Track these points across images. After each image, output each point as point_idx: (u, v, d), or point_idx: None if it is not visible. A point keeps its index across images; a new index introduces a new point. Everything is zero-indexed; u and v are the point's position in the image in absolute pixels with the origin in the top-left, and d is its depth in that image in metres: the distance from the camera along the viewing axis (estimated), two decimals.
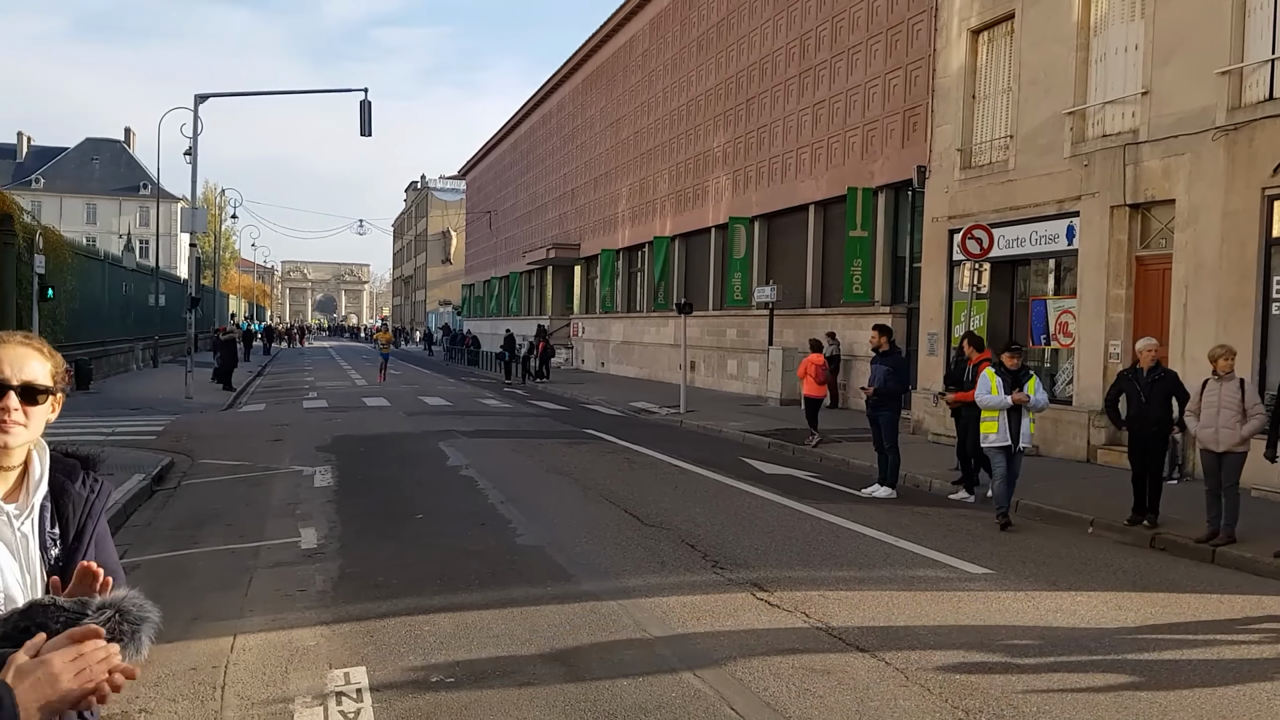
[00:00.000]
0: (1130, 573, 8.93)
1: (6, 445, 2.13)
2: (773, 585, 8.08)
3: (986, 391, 11.20)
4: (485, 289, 69.90)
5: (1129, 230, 15.04)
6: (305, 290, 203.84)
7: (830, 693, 5.72)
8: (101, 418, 20.07)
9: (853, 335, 23.62)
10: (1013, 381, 11.09)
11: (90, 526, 2.26)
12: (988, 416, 11.21)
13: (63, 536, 2.22)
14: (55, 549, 2.20)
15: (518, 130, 60.56)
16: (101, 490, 2.33)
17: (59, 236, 27.94)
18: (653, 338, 37.37)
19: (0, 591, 2.09)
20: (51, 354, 2.26)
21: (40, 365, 2.20)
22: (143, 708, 5.42)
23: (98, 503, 2.30)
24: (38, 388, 2.17)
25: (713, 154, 32.80)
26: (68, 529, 2.23)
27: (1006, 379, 11.12)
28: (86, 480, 2.30)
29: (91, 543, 2.26)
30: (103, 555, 2.30)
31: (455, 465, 14.94)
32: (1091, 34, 15.82)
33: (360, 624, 6.97)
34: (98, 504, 2.30)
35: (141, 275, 42.86)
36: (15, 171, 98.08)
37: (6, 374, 2.15)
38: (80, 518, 2.25)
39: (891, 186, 23.34)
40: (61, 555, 2.21)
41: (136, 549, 9.31)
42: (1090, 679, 6.13)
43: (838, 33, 25.37)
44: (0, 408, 2.12)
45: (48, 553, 2.19)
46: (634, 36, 40.39)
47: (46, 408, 2.20)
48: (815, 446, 16.98)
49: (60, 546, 2.21)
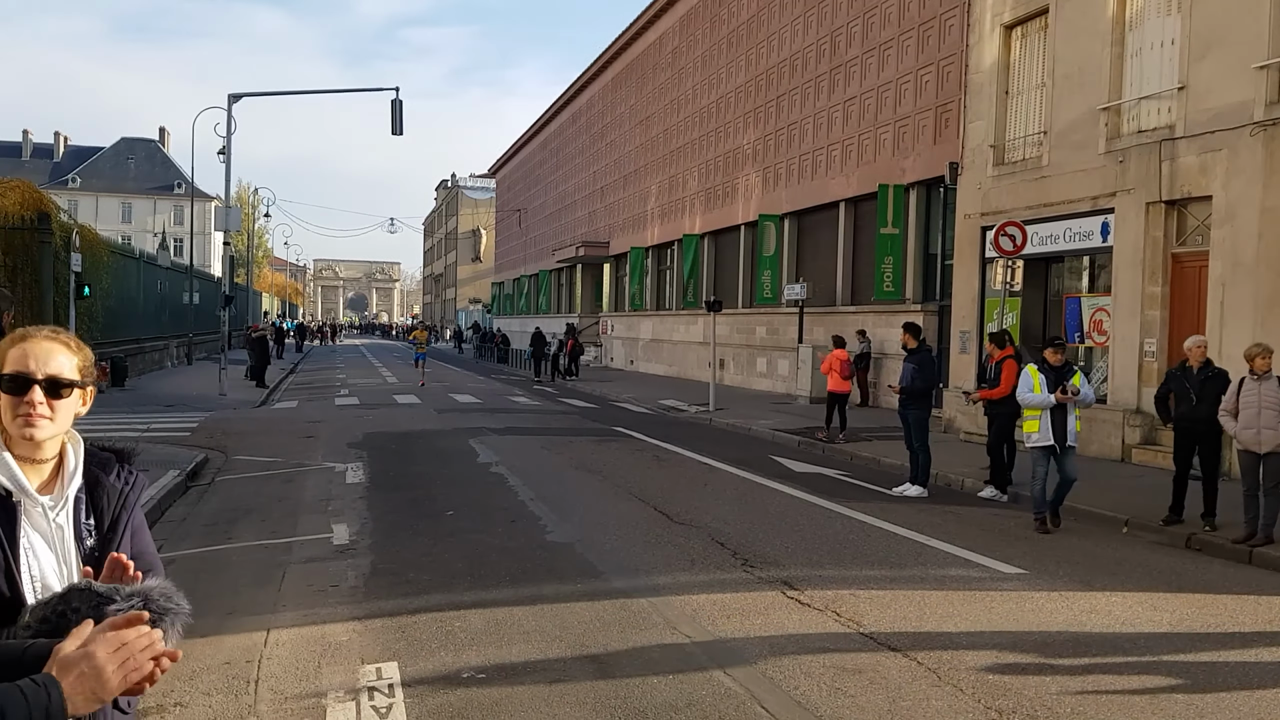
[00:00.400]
0: (1166, 573, 8.82)
1: (33, 438, 2.15)
2: (803, 584, 8.06)
3: (1028, 389, 10.69)
4: (515, 287, 70.11)
5: (1165, 227, 14.87)
6: (337, 288, 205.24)
7: (862, 692, 5.69)
8: (137, 414, 20.30)
9: (884, 333, 23.50)
10: (1056, 378, 10.61)
11: (124, 518, 2.29)
12: (1029, 416, 10.75)
13: (98, 527, 2.25)
14: (90, 539, 2.23)
15: (547, 129, 60.68)
16: (136, 482, 2.35)
17: (95, 235, 28.26)
18: (682, 335, 37.34)
19: (38, 581, 2.12)
20: (80, 347, 2.27)
21: (67, 359, 2.22)
22: (178, 701, 5.47)
23: (131, 494, 2.33)
24: (63, 381, 2.19)
25: (742, 151, 32.72)
26: (102, 520, 2.26)
27: (1050, 376, 10.64)
28: (121, 473, 2.33)
29: (126, 533, 2.29)
30: (139, 545, 2.33)
31: (485, 462, 14.99)
32: (1127, 28, 15.65)
33: (392, 619, 7.01)
34: (132, 495, 2.33)
35: (176, 273, 43.28)
36: (52, 171, 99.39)
37: (32, 368, 2.17)
38: (115, 509, 2.28)
39: (923, 183, 23.19)
40: (97, 546, 2.24)
41: (172, 544, 9.41)
42: (1125, 680, 6.06)
43: (869, 28, 25.24)
44: (27, 402, 2.14)
45: (83, 543, 2.22)
46: (664, 34, 40.36)
47: (74, 401, 2.22)
48: (837, 442, 17.04)
49: (95, 537, 2.24)
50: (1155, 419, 14.43)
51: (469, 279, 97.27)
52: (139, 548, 2.34)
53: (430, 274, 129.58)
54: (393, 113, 28.90)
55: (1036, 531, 10.47)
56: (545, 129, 61.23)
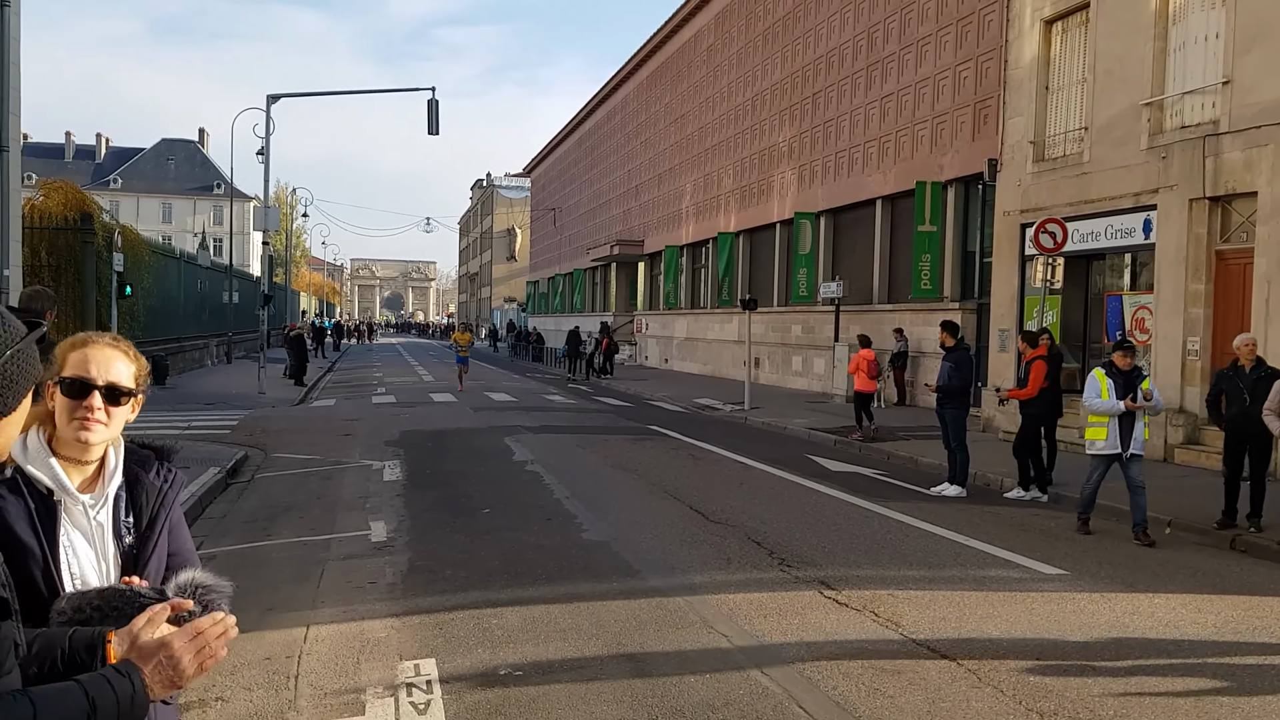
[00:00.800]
0: (1210, 575, 8.69)
1: (87, 443, 2.19)
2: (841, 584, 8.01)
3: (1096, 394, 10.17)
4: (550, 286, 70.30)
5: (1208, 224, 14.65)
6: (374, 287, 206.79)
7: (901, 693, 5.65)
8: (177, 412, 20.54)
9: (921, 331, 23.33)
10: (1125, 383, 10.10)
11: (163, 515, 2.32)
12: (1095, 422, 10.25)
13: (136, 525, 2.28)
14: (129, 537, 2.26)
15: (582, 127, 60.79)
16: (175, 480, 2.38)
17: (137, 235, 28.62)
18: (716, 334, 37.27)
19: (78, 579, 2.15)
20: (136, 357, 2.32)
21: (125, 367, 2.26)
22: (219, 696, 5.53)
23: (171, 492, 2.36)
24: (121, 389, 2.23)
25: (778, 149, 32.59)
26: (141, 518, 2.29)
27: (1118, 380, 10.13)
28: (160, 470, 2.36)
29: (164, 531, 2.32)
30: (176, 543, 2.36)
31: (521, 460, 15.04)
32: (1170, 22, 15.43)
33: (429, 616, 7.04)
34: (170, 493, 2.36)
35: (215, 273, 43.75)
36: (94, 172, 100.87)
37: (93, 374, 2.20)
38: (153, 507, 2.31)
39: (961, 180, 23.00)
40: (135, 543, 2.27)
41: (212, 540, 9.51)
42: (1169, 683, 5.97)
43: (906, 25, 25.06)
44: (85, 406, 2.18)
45: (122, 540, 2.25)
46: (699, 31, 40.29)
47: (127, 408, 2.26)
48: (866, 440, 17.06)
49: (134, 535, 2.27)
50: (1198, 418, 14.24)
51: (504, 278, 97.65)
52: (176, 545, 2.37)
53: (466, 273, 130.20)
54: (429, 113, 29.06)
55: (1078, 532, 10.33)
56: (580, 128, 61.34)
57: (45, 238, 22.94)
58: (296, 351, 31.91)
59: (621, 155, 51.64)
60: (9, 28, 16.65)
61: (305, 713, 5.36)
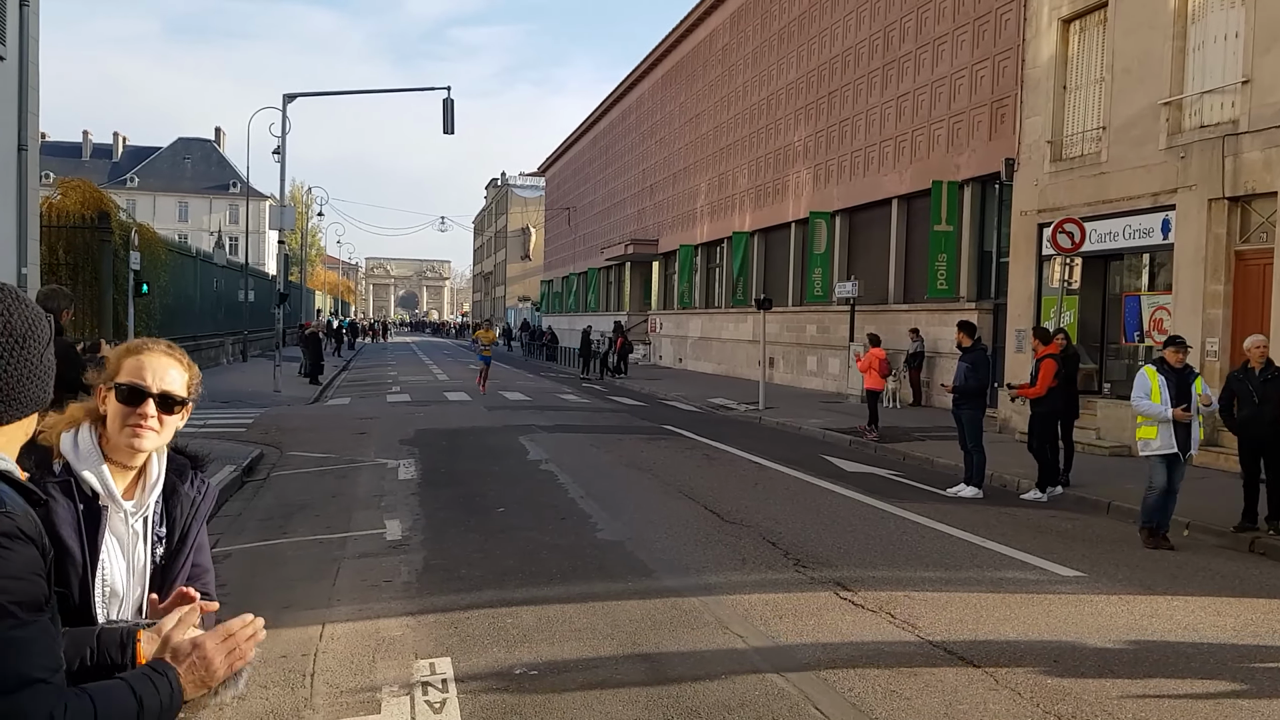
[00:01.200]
0: (1228, 578, 8.63)
1: (140, 449, 2.17)
2: (856, 585, 7.98)
3: (1145, 394, 9.63)
4: (564, 285, 70.35)
5: (1228, 224, 14.55)
6: (388, 286, 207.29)
7: (918, 695, 5.62)
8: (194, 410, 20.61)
9: (937, 331, 23.24)
10: (1178, 382, 9.59)
11: (195, 529, 2.30)
12: (1146, 420, 9.79)
13: (168, 537, 2.26)
14: (160, 548, 2.24)
15: (597, 126, 60.81)
16: (207, 493, 2.37)
17: (153, 234, 28.76)
18: (731, 334, 37.22)
19: (107, 586, 2.12)
20: (190, 365, 2.31)
21: (179, 375, 2.25)
22: (235, 694, 5.52)
23: (203, 505, 2.34)
24: (175, 398, 2.22)
25: (793, 148, 32.53)
26: (174, 530, 2.27)
27: (1170, 379, 9.61)
28: (194, 481, 2.34)
29: (194, 546, 2.30)
30: (199, 558, 2.34)
31: (535, 459, 15.04)
32: (1189, 21, 15.33)
33: (445, 615, 7.04)
34: (203, 506, 2.34)
35: (231, 272, 43.92)
36: (111, 171, 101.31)
37: (148, 381, 2.19)
38: (186, 520, 2.29)
39: (978, 180, 22.91)
40: (165, 555, 2.24)
41: (228, 538, 9.54)
42: (1188, 686, 5.93)
43: (923, 24, 24.97)
44: (139, 413, 2.16)
45: (154, 551, 2.23)
46: (714, 31, 40.25)
47: (178, 417, 2.24)
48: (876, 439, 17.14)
49: (165, 546, 2.25)
50: (1216, 420, 14.13)
51: (518, 277, 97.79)
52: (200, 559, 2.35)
53: (480, 272, 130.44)
54: (445, 112, 29.09)
55: (1145, 545, 9.67)
56: (594, 127, 61.36)
57: (63, 236, 23.07)
58: (312, 350, 32.01)
59: (636, 154, 51.63)
60: (28, 28, 16.75)
61: (321, 711, 5.37)
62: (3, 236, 16.37)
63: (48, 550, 1.66)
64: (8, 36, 16.11)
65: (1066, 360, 13.15)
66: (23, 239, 16.99)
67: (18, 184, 16.86)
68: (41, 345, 1.70)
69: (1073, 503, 12.09)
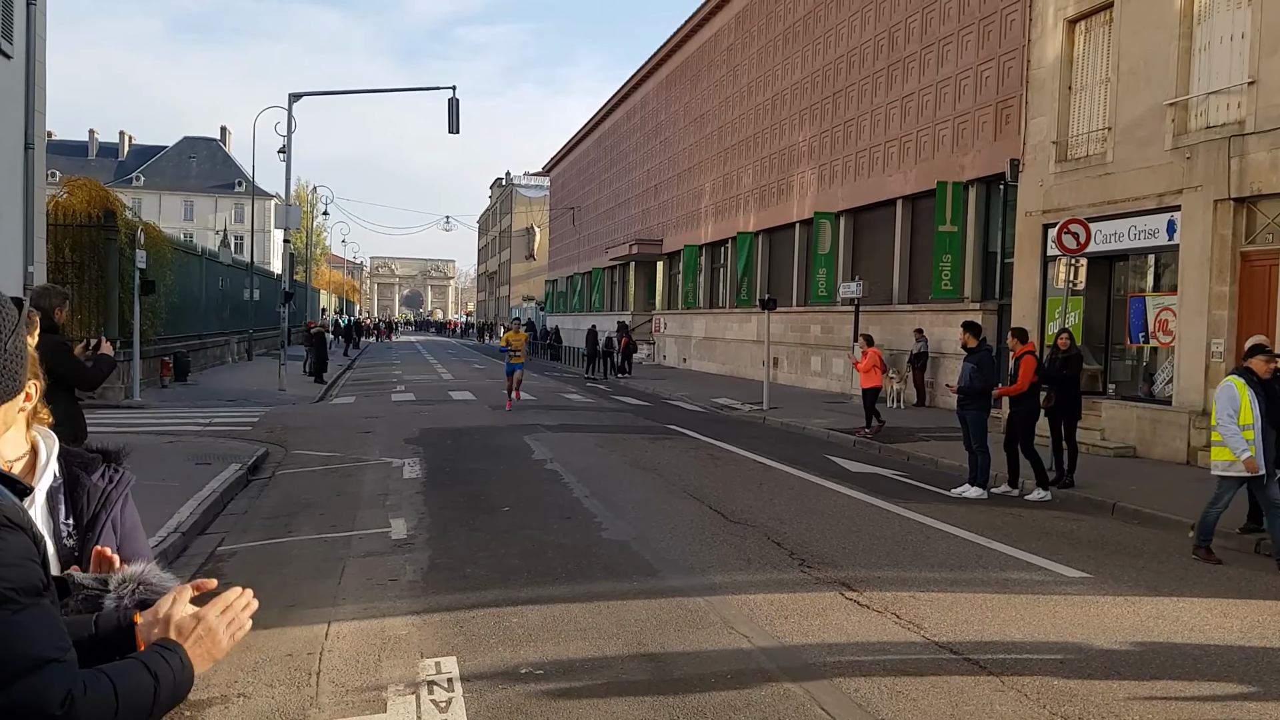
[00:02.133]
0: (1235, 579, 8.61)
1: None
2: (861, 585, 7.97)
3: (1232, 412, 8.62)
4: (568, 285, 70.35)
5: (1233, 225, 14.52)
6: (393, 285, 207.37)
7: (923, 696, 5.62)
8: (199, 409, 20.67)
9: (941, 332, 23.22)
10: (1267, 397, 8.76)
11: (104, 516, 2.30)
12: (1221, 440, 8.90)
13: (77, 526, 2.27)
14: (70, 540, 2.25)
15: (601, 126, 60.80)
16: (121, 480, 2.37)
17: (159, 232, 28.78)
18: (735, 334, 37.21)
19: None
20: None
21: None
22: (241, 692, 5.55)
23: (115, 492, 2.34)
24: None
25: (798, 148, 32.51)
26: (81, 519, 2.28)
27: (1259, 392, 8.72)
28: (106, 472, 2.34)
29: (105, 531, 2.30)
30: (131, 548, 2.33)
31: (540, 459, 15.05)
32: (1195, 22, 15.31)
33: (450, 614, 7.05)
34: (115, 493, 2.34)
35: (237, 270, 43.97)
36: (117, 169, 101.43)
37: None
38: (94, 507, 2.30)
39: (983, 180, 22.88)
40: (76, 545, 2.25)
41: (233, 536, 9.56)
42: (1195, 687, 5.92)
43: (928, 24, 24.95)
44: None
45: (62, 542, 2.23)
46: (719, 31, 40.23)
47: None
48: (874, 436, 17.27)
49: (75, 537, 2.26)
50: None
51: (523, 276, 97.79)
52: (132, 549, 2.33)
53: (484, 271, 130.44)
54: (450, 111, 29.14)
55: (1203, 561, 9.10)
56: (599, 127, 61.35)
57: (69, 235, 23.10)
58: (317, 349, 32.06)
59: (641, 154, 51.62)
60: (35, 26, 16.78)
61: (327, 709, 5.38)
62: (9, 235, 16.41)
63: (40, 538, 1.70)
64: (14, 35, 16.14)
65: (1070, 361, 13.15)
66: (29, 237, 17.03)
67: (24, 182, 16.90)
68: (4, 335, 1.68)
69: (1078, 503, 12.07)
